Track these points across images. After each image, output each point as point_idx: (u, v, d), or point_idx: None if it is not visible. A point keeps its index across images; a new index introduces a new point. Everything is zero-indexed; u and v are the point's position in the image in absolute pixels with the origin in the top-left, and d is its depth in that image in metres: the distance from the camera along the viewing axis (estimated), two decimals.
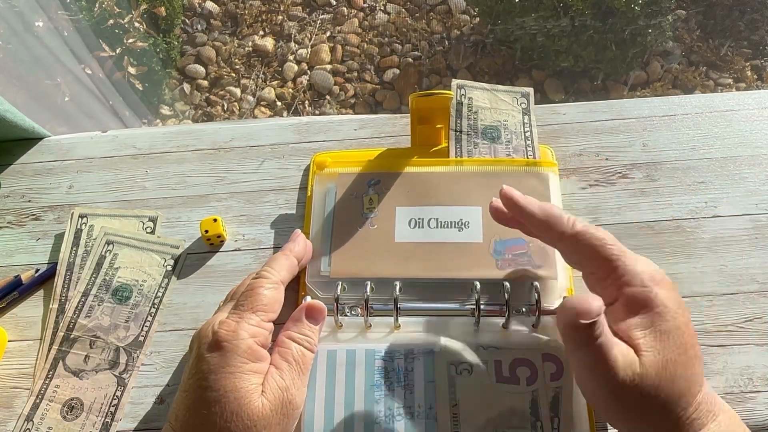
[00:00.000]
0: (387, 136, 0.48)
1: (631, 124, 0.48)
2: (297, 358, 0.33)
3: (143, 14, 1.44)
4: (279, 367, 0.32)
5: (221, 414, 0.29)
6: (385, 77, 1.60)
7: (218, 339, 0.31)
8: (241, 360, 0.30)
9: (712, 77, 1.54)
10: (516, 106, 0.46)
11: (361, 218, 0.41)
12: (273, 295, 0.33)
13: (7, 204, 0.47)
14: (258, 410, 0.30)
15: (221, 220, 0.43)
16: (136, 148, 0.49)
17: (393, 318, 0.37)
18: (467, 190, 0.42)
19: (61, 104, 1.11)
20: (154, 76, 1.50)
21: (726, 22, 1.60)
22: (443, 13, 1.68)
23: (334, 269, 0.40)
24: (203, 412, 0.29)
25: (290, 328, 0.34)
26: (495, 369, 0.36)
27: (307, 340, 0.34)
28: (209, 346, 0.31)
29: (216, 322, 0.32)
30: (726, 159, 0.45)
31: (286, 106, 1.58)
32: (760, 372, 0.38)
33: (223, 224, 0.43)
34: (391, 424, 0.35)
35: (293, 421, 0.32)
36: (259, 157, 0.48)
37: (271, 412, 0.30)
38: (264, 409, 0.30)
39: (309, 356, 0.34)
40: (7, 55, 1.01)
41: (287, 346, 0.33)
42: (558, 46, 1.46)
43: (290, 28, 1.67)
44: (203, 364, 0.30)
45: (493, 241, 0.40)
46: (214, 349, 0.31)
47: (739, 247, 0.42)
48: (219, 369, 0.30)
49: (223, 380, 0.30)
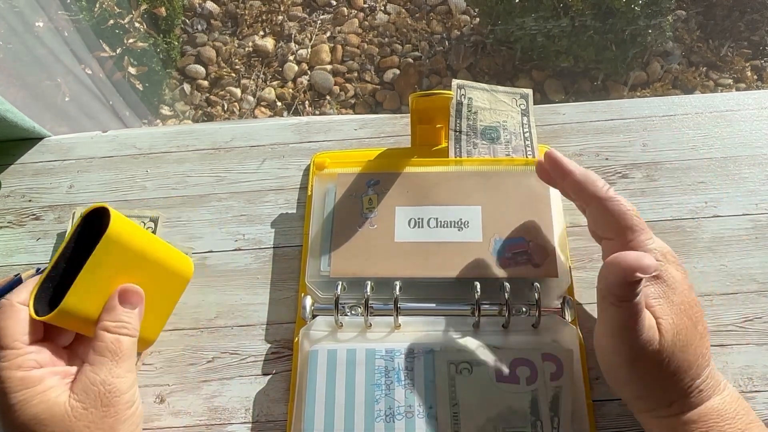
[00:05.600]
0: (387, 136, 0.49)
1: (631, 124, 0.48)
2: (111, 348, 0.33)
3: (143, 14, 1.44)
4: (92, 362, 0.32)
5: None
6: (385, 77, 1.60)
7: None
8: (21, 395, 0.31)
9: (712, 77, 1.54)
10: (515, 107, 0.46)
11: (360, 218, 0.41)
12: (11, 323, 0.32)
13: (8, 204, 0.47)
14: (68, 415, 0.31)
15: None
16: (136, 148, 0.49)
17: (393, 318, 0.37)
18: (467, 189, 0.42)
19: (61, 104, 1.11)
20: (154, 76, 1.50)
21: (726, 23, 1.60)
22: (443, 13, 1.68)
23: (334, 269, 0.40)
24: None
25: (104, 318, 0.34)
26: (495, 369, 0.36)
27: (122, 326, 0.34)
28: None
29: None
30: (726, 159, 0.45)
31: (286, 106, 1.58)
32: (760, 372, 0.38)
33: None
34: (391, 423, 0.35)
35: (126, 406, 0.33)
36: (259, 157, 0.48)
37: (85, 410, 0.31)
38: (75, 411, 0.31)
39: (126, 341, 0.34)
40: (7, 55, 1.01)
41: (100, 338, 0.33)
42: (558, 47, 1.46)
43: (290, 28, 1.67)
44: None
45: (493, 240, 0.40)
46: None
47: (739, 247, 0.42)
48: (5, 417, 0.31)
49: (18, 420, 0.30)
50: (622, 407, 0.37)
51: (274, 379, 0.39)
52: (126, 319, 0.34)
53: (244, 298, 0.42)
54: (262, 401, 0.39)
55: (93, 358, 0.33)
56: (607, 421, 0.37)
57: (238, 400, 0.39)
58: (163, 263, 0.37)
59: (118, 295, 0.34)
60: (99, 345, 0.33)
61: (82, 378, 0.32)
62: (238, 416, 0.38)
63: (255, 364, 0.40)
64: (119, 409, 0.32)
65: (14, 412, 0.30)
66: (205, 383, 0.39)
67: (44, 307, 0.33)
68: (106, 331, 0.33)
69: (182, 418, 0.38)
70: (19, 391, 0.31)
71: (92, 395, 0.31)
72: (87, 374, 0.32)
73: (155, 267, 0.36)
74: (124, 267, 0.34)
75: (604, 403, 0.37)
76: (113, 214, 0.33)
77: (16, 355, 0.31)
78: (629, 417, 0.37)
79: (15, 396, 0.31)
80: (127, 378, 0.33)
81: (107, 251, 0.33)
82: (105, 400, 0.32)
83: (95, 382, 0.32)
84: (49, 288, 0.34)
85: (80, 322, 0.33)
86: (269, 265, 0.43)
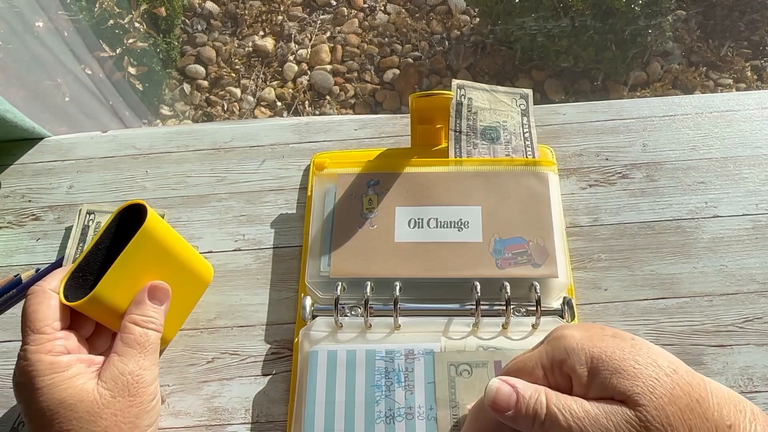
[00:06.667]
0: (387, 136, 0.48)
1: (631, 124, 0.48)
2: (140, 340, 0.34)
3: (143, 14, 1.44)
4: (121, 353, 0.33)
5: (63, 427, 0.31)
6: (385, 77, 1.60)
7: (17, 383, 0.32)
8: (49, 378, 0.31)
9: (712, 77, 1.54)
10: (515, 108, 0.46)
11: (360, 218, 0.41)
12: (42, 307, 0.33)
13: (7, 204, 0.47)
14: (96, 401, 0.31)
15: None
16: (136, 148, 0.49)
17: (393, 318, 0.37)
18: (467, 189, 0.42)
19: (61, 104, 1.11)
20: (154, 76, 1.50)
21: (726, 23, 1.60)
22: (443, 13, 1.68)
23: (334, 269, 0.40)
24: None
25: (132, 311, 0.35)
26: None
27: (150, 320, 0.35)
28: (18, 393, 0.32)
29: (15, 369, 0.33)
30: (726, 159, 0.45)
31: (286, 106, 1.58)
32: (760, 372, 0.38)
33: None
34: (391, 424, 0.35)
35: (150, 397, 0.33)
36: (259, 157, 0.48)
37: (113, 398, 0.32)
38: (104, 398, 0.32)
39: (153, 336, 0.35)
40: (7, 55, 1.01)
41: (129, 330, 0.34)
42: (558, 47, 1.45)
43: (290, 28, 1.67)
44: (23, 406, 0.32)
45: (493, 240, 0.40)
46: (21, 387, 0.32)
47: (739, 247, 0.42)
48: (32, 399, 0.31)
49: (45, 403, 0.31)
50: None
51: (274, 379, 0.39)
52: (153, 314, 0.35)
53: (244, 298, 0.42)
54: (262, 402, 0.38)
55: (122, 348, 0.33)
56: None
57: (238, 401, 0.39)
58: (188, 265, 0.38)
59: (148, 290, 0.35)
60: (128, 337, 0.34)
61: (111, 367, 0.33)
62: (238, 417, 0.38)
63: (255, 365, 0.40)
64: (144, 400, 0.33)
65: (42, 395, 0.31)
66: (205, 384, 0.39)
67: (74, 294, 0.34)
68: (135, 324, 0.34)
69: (182, 419, 0.38)
70: (47, 375, 0.31)
71: (120, 384, 0.32)
72: (116, 364, 0.33)
73: (181, 267, 0.38)
74: (154, 263, 0.36)
75: None
76: (150, 211, 0.34)
77: (46, 339, 0.32)
78: None
79: (43, 380, 0.31)
80: (152, 371, 0.34)
81: (141, 245, 0.34)
82: (132, 390, 0.33)
83: (124, 372, 0.33)
84: (79, 277, 0.35)
85: (108, 312, 0.34)
86: (269, 265, 0.43)
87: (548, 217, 0.40)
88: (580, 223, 0.43)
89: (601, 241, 0.43)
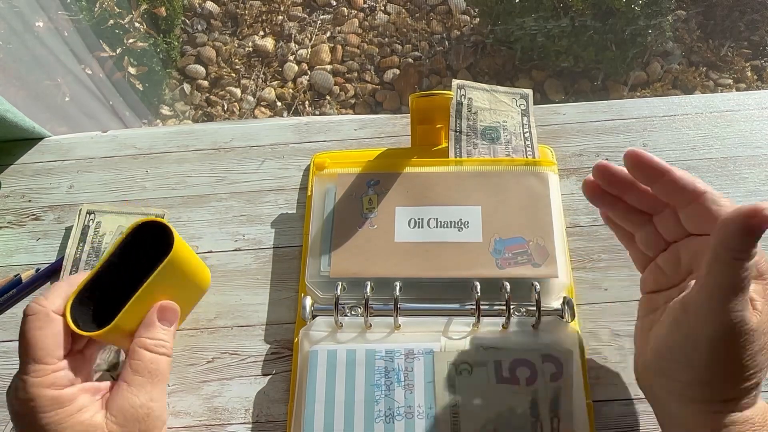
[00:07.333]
0: (387, 136, 0.49)
1: (631, 124, 0.48)
2: (150, 368, 0.32)
3: (143, 14, 1.44)
4: (131, 383, 0.31)
5: None
6: (385, 77, 1.60)
7: (15, 412, 0.29)
8: (54, 415, 0.29)
9: (712, 77, 1.54)
10: (515, 108, 0.46)
11: (360, 218, 0.41)
12: (44, 334, 0.30)
13: (7, 204, 0.47)
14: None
15: None
16: (136, 148, 0.49)
17: (393, 318, 0.37)
18: (467, 189, 0.42)
19: (61, 104, 1.11)
20: (154, 76, 1.50)
21: (726, 23, 1.60)
22: (443, 13, 1.68)
23: (334, 269, 0.40)
24: None
25: (142, 334, 0.33)
26: (495, 369, 0.36)
27: (161, 344, 0.33)
28: (15, 421, 0.30)
29: (11, 391, 0.30)
30: (726, 159, 0.45)
31: (286, 106, 1.58)
32: None
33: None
34: (390, 423, 0.35)
35: (159, 426, 0.32)
36: (259, 157, 0.48)
37: (121, 429, 0.30)
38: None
39: (164, 362, 0.33)
40: (7, 55, 1.01)
41: (139, 357, 0.32)
42: (558, 47, 1.46)
43: (290, 28, 1.67)
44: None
45: (493, 240, 0.40)
46: (20, 418, 0.29)
47: None
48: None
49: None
50: (621, 407, 0.37)
51: (274, 379, 0.39)
52: (163, 337, 0.33)
53: (244, 298, 0.42)
54: (262, 401, 0.39)
55: (131, 377, 0.31)
56: (607, 421, 0.37)
57: (238, 401, 0.39)
58: (195, 279, 0.37)
59: (158, 311, 0.33)
60: (137, 364, 0.32)
61: (119, 399, 0.31)
62: (238, 416, 0.38)
63: (255, 365, 0.40)
64: (154, 430, 0.31)
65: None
66: (205, 383, 0.39)
67: (78, 310, 0.32)
68: (145, 349, 0.32)
69: (182, 419, 0.38)
70: (51, 411, 0.29)
71: (130, 418, 0.30)
72: (125, 395, 0.31)
73: (192, 285, 0.37)
74: (171, 285, 0.34)
75: (604, 403, 0.37)
76: (176, 237, 0.33)
77: (50, 371, 0.30)
78: (629, 417, 0.37)
79: (46, 416, 0.29)
80: (162, 401, 0.32)
81: (165, 274, 0.33)
82: (143, 424, 0.31)
83: (134, 405, 0.31)
84: (85, 295, 0.32)
85: (120, 337, 0.33)
86: (269, 265, 0.43)
87: (548, 217, 0.40)
88: (580, 223, 0.43)
89: (601, 241, 0.43)
